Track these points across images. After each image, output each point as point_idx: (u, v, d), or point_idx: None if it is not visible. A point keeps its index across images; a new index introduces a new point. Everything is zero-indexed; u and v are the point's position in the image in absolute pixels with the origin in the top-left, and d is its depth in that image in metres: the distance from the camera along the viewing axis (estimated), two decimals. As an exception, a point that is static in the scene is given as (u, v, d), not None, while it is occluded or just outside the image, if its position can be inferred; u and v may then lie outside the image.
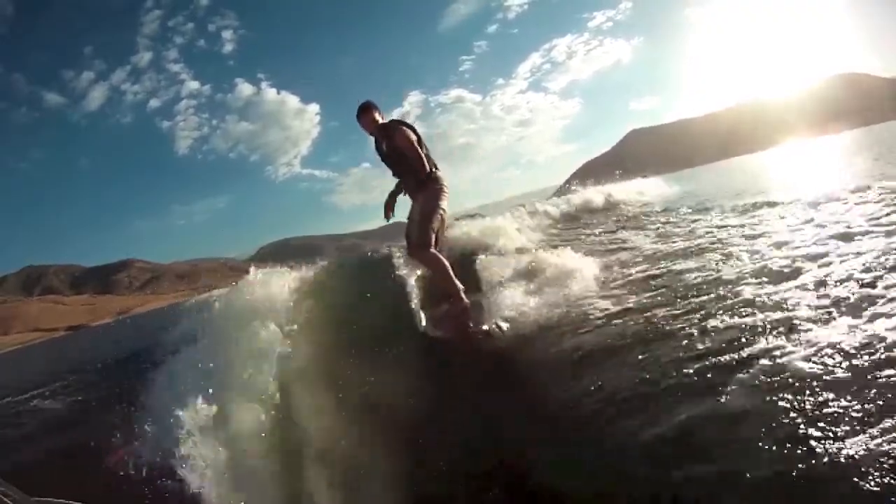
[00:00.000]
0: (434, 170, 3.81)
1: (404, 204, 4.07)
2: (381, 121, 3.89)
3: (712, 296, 2.83)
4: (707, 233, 4.80)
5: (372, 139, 3.95)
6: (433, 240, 3.71)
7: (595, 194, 9.12)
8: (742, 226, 4.79)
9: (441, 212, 3.78)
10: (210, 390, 3.09)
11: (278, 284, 3.94)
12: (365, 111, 3.84)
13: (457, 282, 3.73)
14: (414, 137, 3.77)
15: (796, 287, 2.63)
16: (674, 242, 4.67)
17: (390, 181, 4.05)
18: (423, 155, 3.76)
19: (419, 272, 3.99)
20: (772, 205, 5.70)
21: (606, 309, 3.10)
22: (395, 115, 3.28)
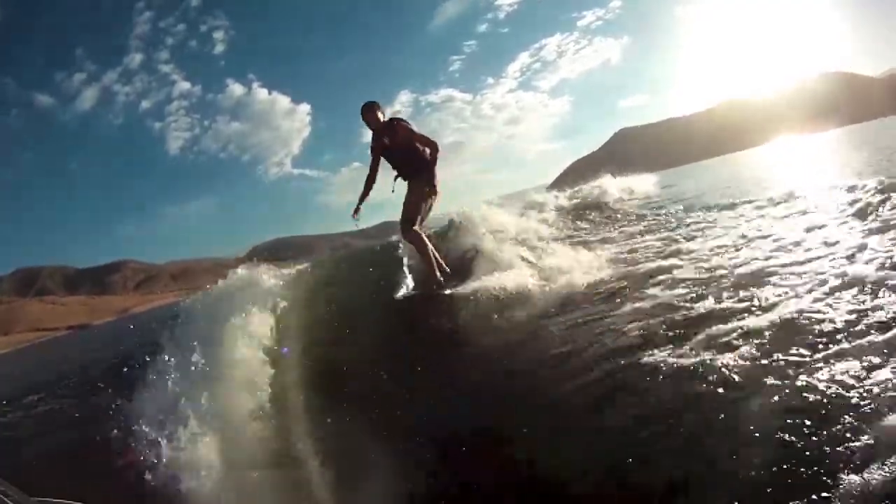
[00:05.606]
0: (433, 154, 4.35)
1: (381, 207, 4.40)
2: (383, 119, 4.41)
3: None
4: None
5: (369, 135, 4.42)
6: (418, 220, 4.30)
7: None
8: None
9: (428, 199, 4.34)
10: (209, 390, 3.27)
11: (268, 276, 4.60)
12: (370, 109, 4.38)
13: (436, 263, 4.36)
14: (415, 128, 4.37)
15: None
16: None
17: (382, 182, 4.52)
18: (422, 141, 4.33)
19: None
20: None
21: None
22: (387, 114, 3.94)
